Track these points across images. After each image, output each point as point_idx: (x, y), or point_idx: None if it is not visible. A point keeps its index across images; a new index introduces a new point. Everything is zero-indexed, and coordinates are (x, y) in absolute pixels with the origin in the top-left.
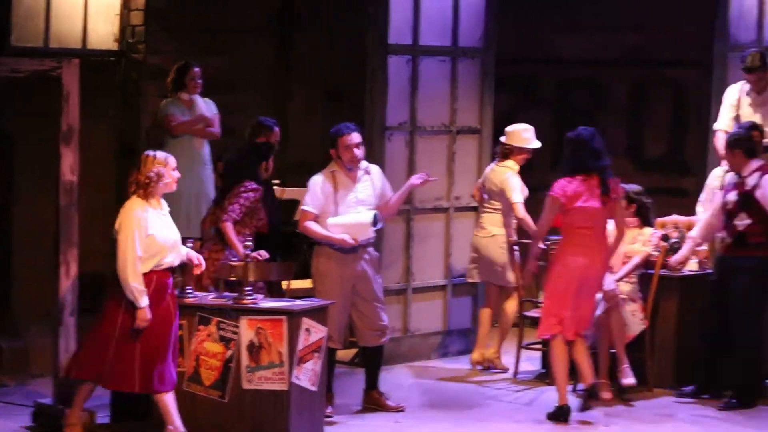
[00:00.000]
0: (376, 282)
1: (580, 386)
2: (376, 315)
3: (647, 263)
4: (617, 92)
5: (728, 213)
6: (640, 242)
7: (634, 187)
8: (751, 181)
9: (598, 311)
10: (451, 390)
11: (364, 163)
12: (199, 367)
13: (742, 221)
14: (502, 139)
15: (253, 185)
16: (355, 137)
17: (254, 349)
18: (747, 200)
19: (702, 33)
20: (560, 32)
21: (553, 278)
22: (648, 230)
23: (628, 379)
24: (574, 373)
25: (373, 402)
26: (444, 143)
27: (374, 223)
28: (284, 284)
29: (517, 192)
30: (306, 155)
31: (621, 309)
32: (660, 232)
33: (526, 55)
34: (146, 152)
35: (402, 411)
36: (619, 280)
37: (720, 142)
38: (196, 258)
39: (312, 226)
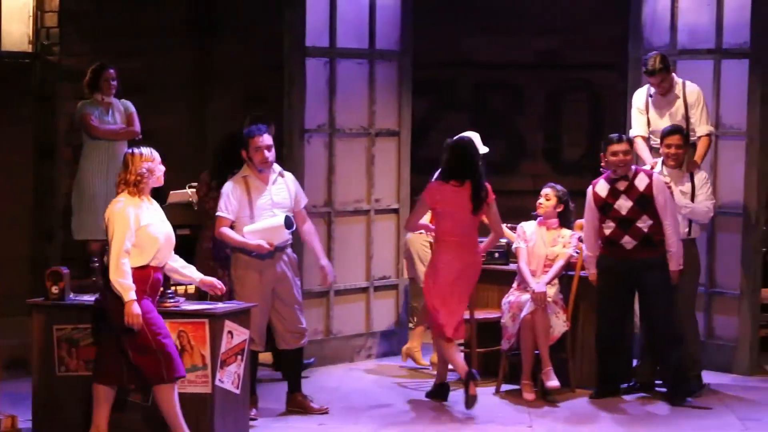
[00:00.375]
0: (295, 284)
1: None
2: (295, 317)
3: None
4: (534, 95)
5: (624, 220)
6: (560, 244)
7: (561, 188)
8: (640, 184)
9: (524, 313)
10: (375, 392)
11: (277, 167)
12: None
13: (645, 222)
14: None
15: None
16: (266, 139)
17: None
18: (644, 202)
19: (617, 36)
20: (476, 36)
21: (432, 281)
22: (567, 232)
23: (552, 382)
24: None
25: (297, 405)
26: (363, 145)
27: (288, 225)
28: None
29: None
30: None
31: (548, 311)
32: (579, 234)
33: (443, 58)
34: (131, 150)
35: (326, 413)
36: (549, 282)
37: (640, 148)
38: (218, 283)
39: (227, 232)
